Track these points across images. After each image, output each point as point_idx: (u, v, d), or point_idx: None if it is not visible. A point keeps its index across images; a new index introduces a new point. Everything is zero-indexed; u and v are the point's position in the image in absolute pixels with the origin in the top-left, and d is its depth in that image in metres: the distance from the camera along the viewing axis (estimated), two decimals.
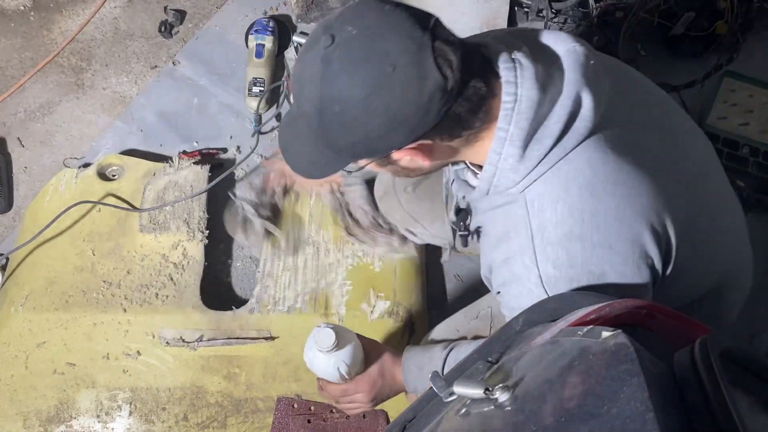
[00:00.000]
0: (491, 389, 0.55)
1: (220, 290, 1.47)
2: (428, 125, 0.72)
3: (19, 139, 1.66)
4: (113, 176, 1.53)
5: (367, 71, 0.69)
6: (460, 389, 0.57)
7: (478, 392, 0.55)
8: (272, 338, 1.32)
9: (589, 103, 0.75)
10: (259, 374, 1.31)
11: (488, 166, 0.78)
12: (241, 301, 1.45)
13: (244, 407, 1.29)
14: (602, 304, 0.61)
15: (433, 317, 1.41)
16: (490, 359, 0.68)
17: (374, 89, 0.69)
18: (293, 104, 0.79)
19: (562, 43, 0.79)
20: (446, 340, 1.11)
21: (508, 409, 0.53)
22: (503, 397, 0.53)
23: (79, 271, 1.38)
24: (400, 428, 0.73)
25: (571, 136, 0.75)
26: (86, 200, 1.45)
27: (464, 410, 0.58)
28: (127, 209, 1.44)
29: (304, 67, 0.73)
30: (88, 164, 1.56)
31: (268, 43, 1.67)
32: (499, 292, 0.85)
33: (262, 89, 1.64)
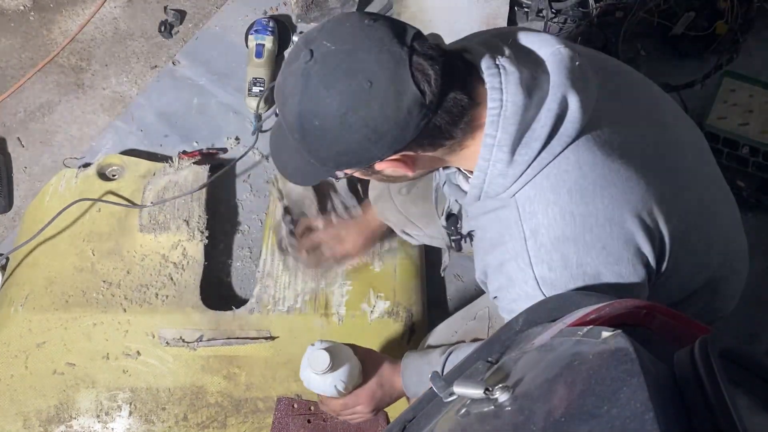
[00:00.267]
0: (491, 389, 0.55)
1: (220, 290, 1.47)
2: (408, 138, 0.73)
3: (19, 139, 1.66)
4: (113, 176, 1.53)
5: (344, 87, 0.70)
6: (460, 389, 0.57)
7: (478, 392, 0.55)
8: (272, 338, 1.32)
9: (575, 105, 0.75)
10: (259, 374, 1.31)
11: (478, 172, 0.78)
12: (241, 301, 1.44)
13: (244, 407, 1.29)
14: (602, 304, 0.61)
15: (433, 317, 1.41)
16: (490, 359, 0.68)
17: (352, 105, 0.70)
18: (279, 114, 0.79)
19: (546, 45, 0.79)
20: (444, 344, 1.11)
21: (508, 409, 0.53)
22: (503, 397, 0.53)
23: (79, 271, 1.38)
24: (400, 428, 0.73)
25: (559, 138, 0.75)
26: (85, 198, 1.45)
27: (464, 410, 0.58)
28: (126, 206, 1.44)
29: (286, 80, 0.75)
30: (88, 164, 1.56)
31: (268, 43, 1.67)
32: (495, 296, 0.86)
33: (262, 89, 1.64)
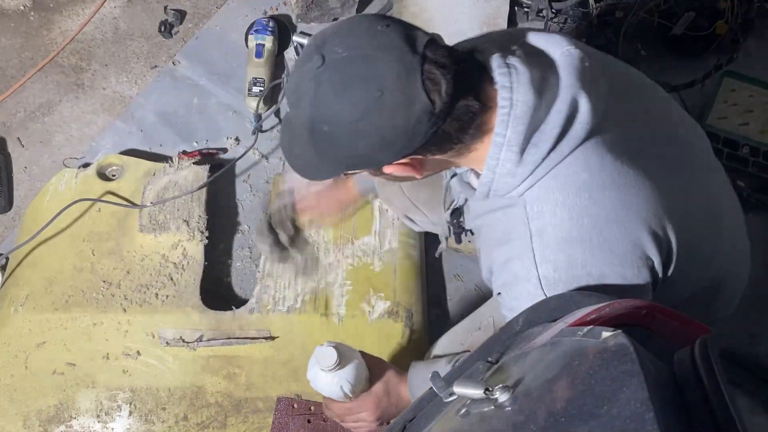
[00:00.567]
0: (491, 389, 0.55)
1: (220, 290, 1.47)
2: (416, 144, 0.73)
3: (19, 139, 1.66)
4: (113, 176, 1.53)
5: (354, 95, 0.70)
6: (460, 389, 0.57)
7: (478, 392, 0.55)
8: (272, 338, 1.32)
9: (585, 106, 0.75)
10: (259, 374, 1.31)
11: (486, 171, 0.78)
12: (241, 301, 1.44)
13: (244, 407, 1.29)
14: (602, 304, 0.61)
15: (433, 317, 1.41)
16: (490, 359, 0.68)
17: (362, 113, 0.70)
18: (290, 110, 0.80)
19: (556, 46, 0.79)
20: (450, 354, 1.11)
21: (508, 409, 0.53)
22: (503, 397, 0.53)
23: (78, 271, 1.38)
24: (400, 428, 0.73)
25: (568, 140, 0.75)
26: (85, 198, 1.45)
27: (464, 410, 0.58)
28: (126, 206, 1.44)
29: (299, 81, 0.75)
30: (88, 164, 1.56)
31: (268, 43, 1.67)
32: (499, 293, 0.86)
33: (262, 89, 1.64)
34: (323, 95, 0.71)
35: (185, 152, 1.59)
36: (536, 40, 0.81)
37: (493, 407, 0.54)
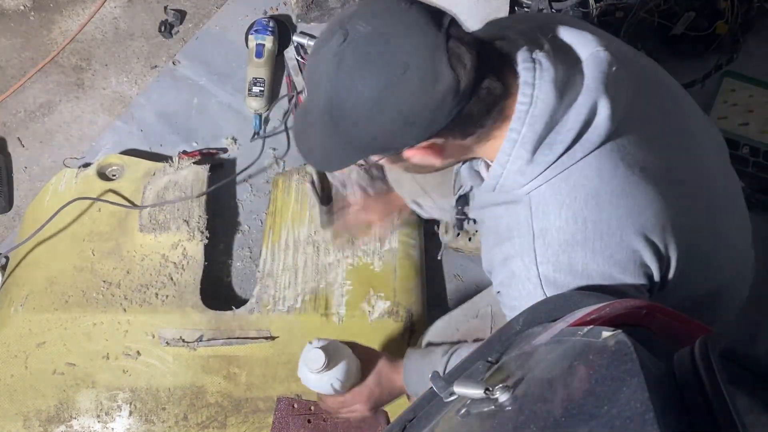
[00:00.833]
0: (491, 389, 0.55)
1: (220, 290, 1.47)
2: (440, 125, 0.71)
3: (19, 139, 1.66)
4: (113, 176, 1.53)
5: (378, 71, 0.68)
6: (460, 389, 0.57)
7: (478, 392, 0.55)
8: (272, 338, 1.32)
9: (605, 112, 0.74)
10: (259, 374, 1.31)
11: (496, 165, 0.77)
12: (241, 301, 1.44)
13: (244, 407, 1.29)
14: (602, 304, 0.61)
15: (433, 317, 1.41)
16: (490, 359, 0.68)
17: (385, 89, 0.68)
18: (307, 97, 0.78)
19: (586, 45, 0.77)
20: (446, 342, 1.10)
21: (508, 409, 0.53)
22: (503, 397, 0.53)
23: (78, 271, 1.38)
24: (400, 428, 0.73)
25: (582, 144, 0.75)
26: (84, 197, 1.44)
27: (464, 410, 0.58)
28: (125, 206, 1.44)
29: (318, 61, 0.73)
30: (88, 164, 1.56)
31: (268, 43, 1.67)
32: (498, 291, 0.86)
33: (262, 89, 1.64)
34: (345, 72, 0.69)
35: (185, 152, 1.59)
36: (567, 35, 0.79)
37: (493, 407, 0.54)
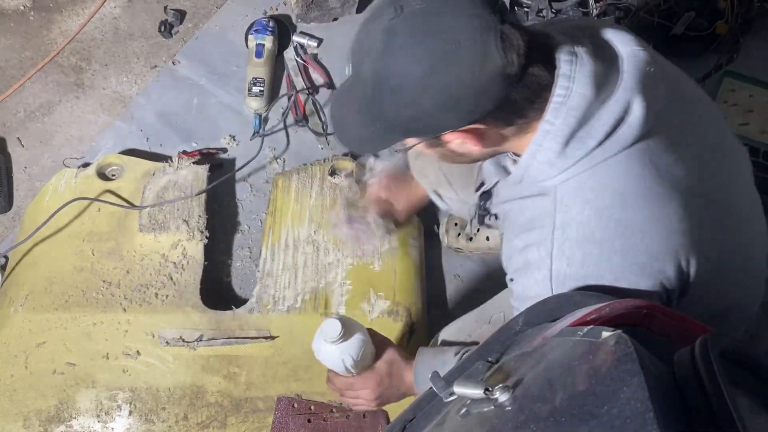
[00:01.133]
0: (491, 389, 0.55)
1: (220, 290, 1.47)
2: (484, 109, 0.71)
3: (19, 139, 1.66)
4: (113, 176, 1.53)
5: (429, 47, 0.67)
6: (460, 389, 0.57)
7: (478, 392, 0.55)
8: (272, 338, 1.32)
9: (638, 111, 0.74)
10: (259, 374, 1.31)
11: (527, 156, 0.77)
12: (241, 300, 1.44)
13: (244, 407, 1.29)
14: (602, 304, 0.61)
15: (433, 317, 1.41)
16: (490, 359, 0.68)
17: (435, 66, 0.68)
18: (350, 75, 0.77)
19: (625, 43, 0.78)
20: (458, 343, 1.10)
21: (508, 409, 0.53)
22: (503, 397, 0.53)
23: (78, 270, 1.38)
24: (400, 428, 0.73)
25: (614, 141, 0.74)
26: (83, 197, 1.44)
27: (464, 410, 0.58)
28: (125, 207, 1.44)
29: (365, 37, 0.72)
30: (87, 164, 1.56)
31: (268, 43, 1.67)
32: (512, 279, 0.86)
33: (261, 89, 1.64)
34: (396, 46, 0.69)
35: (185, 152, 1.59)
36: (606, 33, 0.79)
37: (493, 407, 0.54)
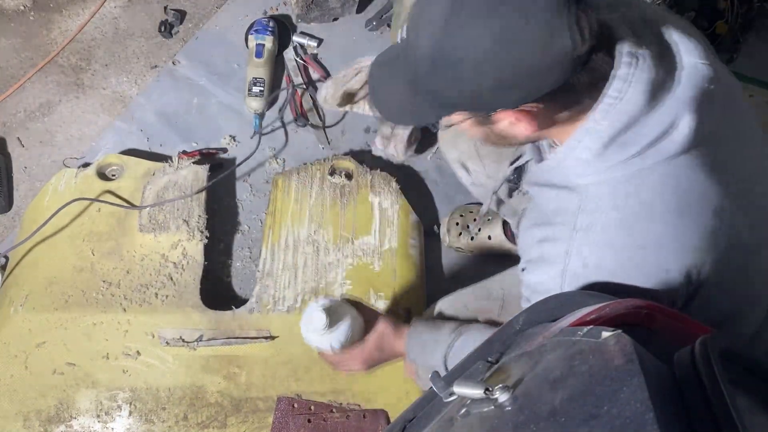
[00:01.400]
0: (491, 389, 0.55)
1: (219, 290, 1.47)
2: (544, 89, 0.68)
3: (19, 139, 1.66)
4: (113, 176, 1.53)
5: (499, 21, 0.65)
6: (460, 389, 0.57)
7: (478, 392, 0.55)
8: (272, 338, 1.32)
9: (685, 128, 0.72)
10: (259, 374, 1.31)
11: (565, 148, 0.76)
12: (240, 300, 1.45)
13: (244, 407, 1.29)
14: (602, 304, 0.61)
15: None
16: (490, 359, 0.68)
17: (502, 41, 0.65)
18: (400, 43, 0.74)
19: (690, 53, 0.75)
20: (454, 318, 1.09)
21: (508, 409, 0.53)
22: (503, 397, 0.53)
23: (78, 270, 1.38)
24: (400, 428, 0.73)
25: (654, 152, 0.73)
26: (83, 197, 1.44)
27: (464, 410, 0.58)
28: (124, 206, 1.44)
29: (426, 6, 0.69)
30: (87, 164, 1.56)
31: (268, 43, 1.67)
32: (524, 269, 0.85)
33: (262, 89, 1.64)
34: (462, 17, 0.65)
35: (185, 152, 1.59)
36: (672, 35, 0.76)
37: (493, 407, 0.54)
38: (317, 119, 1.67)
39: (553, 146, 0.83)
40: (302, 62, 1.73)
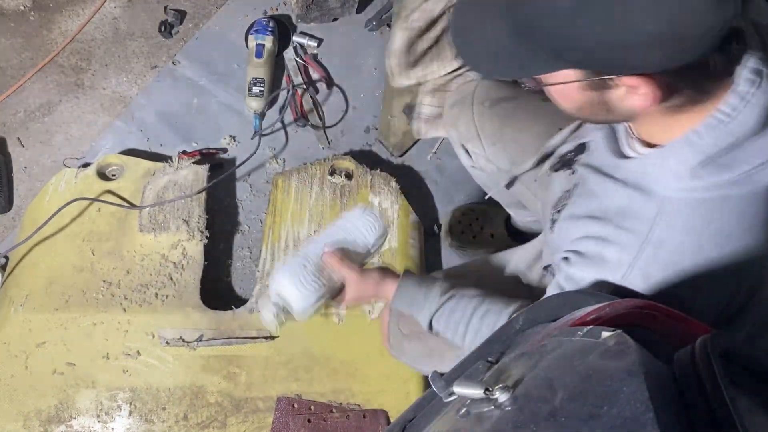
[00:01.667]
0: (491, 389, 0.54)
1: (220, 290, 1.47)
2: (686, 58, 0.59)
3: (19, 139, 1.66)
4: (113, 176, 1.53)
5: None
6: (460, 389, 0.57)
7: (478, 392, 0.55)
8: (272, 338, 1.32)
9: None
10: (259, 374, 1.31)
11: (657, 154, 0.70)
12: (241, 300, 1.45)
13: (244, 407, 1.29)
14: (602, 304, 0.61)
15: None
16: (490, 359, 0.68)
17: None
18: None
19: None
20: (449, 278, 1.05)
21: (508, 409, 0.53)
22: (503, 397, 0.53)
23: (78, 271, 1.38)
24: (400, 428, 0.73)
25: (747, 179, 0.67)
26: (83, 197, 1.44)
27: (464, 410, 0.58)
28: (125, 206, 1.44)
29: None
30: (87, 164, 1.56)
31: (268, 43, 1.67)
32: (567, 258, 0.80)
33: (262, 89, 1.64)
34: None
35: (185, 152, 1.59)
36: None
37: (493, 407, 0.54)
38: (317, 119, 1.67)
39: (631, 136, 0.76)
40: (302, 62, 1.73)
